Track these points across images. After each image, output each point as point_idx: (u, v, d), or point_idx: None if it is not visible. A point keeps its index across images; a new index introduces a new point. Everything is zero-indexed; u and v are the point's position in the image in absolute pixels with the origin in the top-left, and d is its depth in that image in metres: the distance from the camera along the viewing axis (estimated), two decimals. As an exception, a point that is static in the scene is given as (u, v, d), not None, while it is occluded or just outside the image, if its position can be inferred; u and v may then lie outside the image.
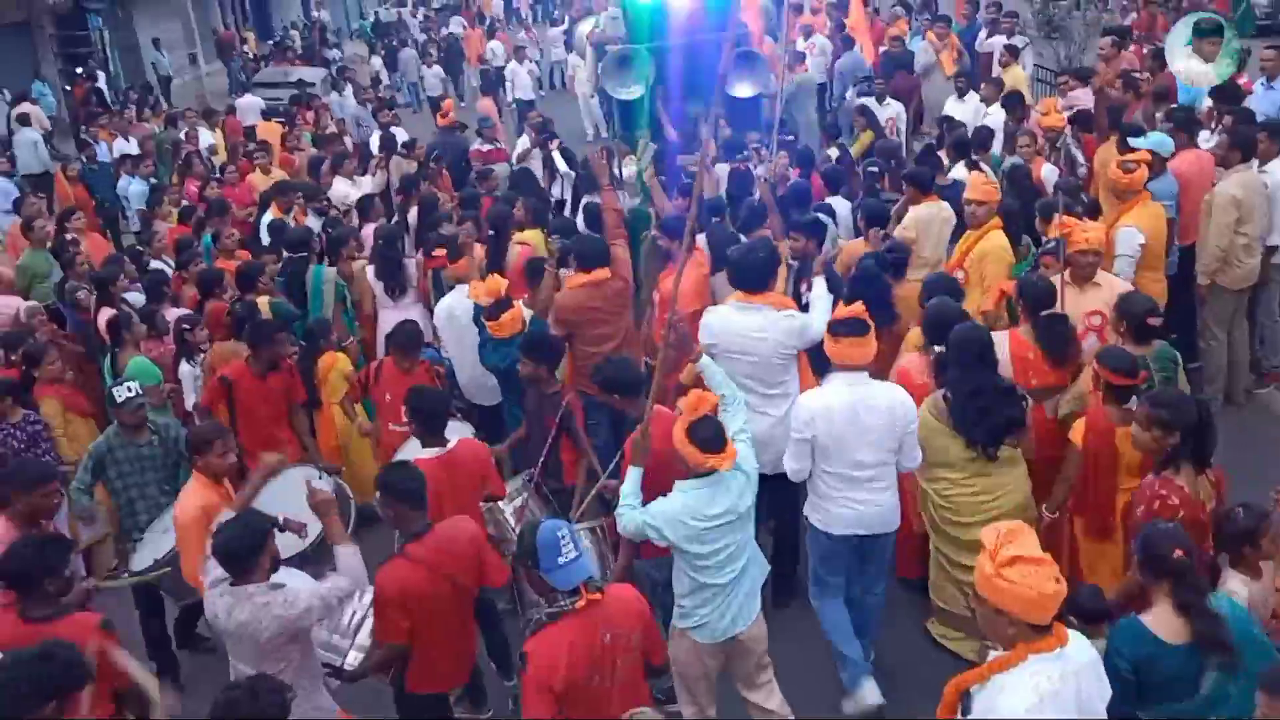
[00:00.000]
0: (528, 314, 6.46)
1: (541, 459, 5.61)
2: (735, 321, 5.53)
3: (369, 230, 9.11)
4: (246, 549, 4.05)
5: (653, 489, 4.57)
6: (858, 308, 4.88)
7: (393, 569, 4.31)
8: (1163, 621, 3.58)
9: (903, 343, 6.05)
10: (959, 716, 3.24)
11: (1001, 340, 5.35)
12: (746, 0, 12.70)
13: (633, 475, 4.53)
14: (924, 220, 7.14)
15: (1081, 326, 5.71)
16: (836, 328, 4.84)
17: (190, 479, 5.19)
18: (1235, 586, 3.87)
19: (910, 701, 5.00)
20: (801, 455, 4.88)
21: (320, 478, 5.67)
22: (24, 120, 16.23)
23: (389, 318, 7.66)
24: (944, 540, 5.23)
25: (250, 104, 18.92)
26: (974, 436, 4.93)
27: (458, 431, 5.57)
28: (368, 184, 11.31)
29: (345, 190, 11.00)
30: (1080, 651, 3.21)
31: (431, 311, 7.55)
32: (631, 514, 4.38)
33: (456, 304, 6.93)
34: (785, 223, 7.40)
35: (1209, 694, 3.51)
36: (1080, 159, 8.40)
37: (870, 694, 4.93)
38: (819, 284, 5.74)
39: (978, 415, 4.90)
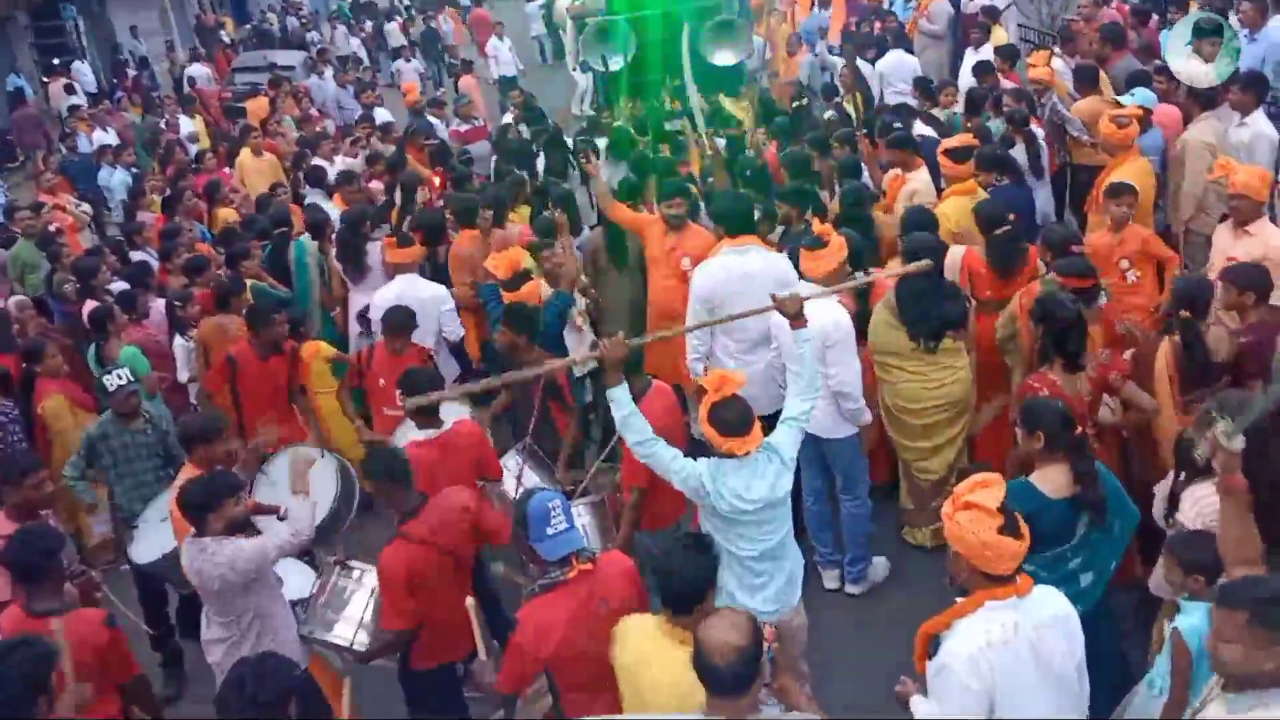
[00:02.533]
0: (547, 291, 6.51)
1: (531, 426, 5.62)
2: (732, 263, 5.75)
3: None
4: (204, 503, 4.23)
5: (645, 465, 4.53)
6: (819, 226, 5.59)
7: (395, 551, 4.32)
8: (1047, 480, 4.01)
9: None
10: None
11: (957, 254, 6.10)
12: None
13: (622, 394, 4.23)
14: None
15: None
16: (804, 243, 5.49)
17: (183, 472, 5.16)
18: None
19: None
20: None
21: (323, 456, 5.70)
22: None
23: (354, 300, 7.78)
24: (896, 428, 5.82)
25: (200, 72, 19.01)
26: (914, 330, 5.55)
27: (454, 413, 5.58)
28: (352, 164, 11.27)
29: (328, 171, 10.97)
30: (1044, 606, 3.27)
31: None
32: (682, 461, 4.15)
33: (405, 291, 6.82)
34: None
35: (1079, 540, 4.01)
36: (1068, 115, 8.34)
37: (830, 580, 5.78)
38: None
39: (919, 313, 5.50)
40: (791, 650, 4.45)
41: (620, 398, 4.20)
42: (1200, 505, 3.96)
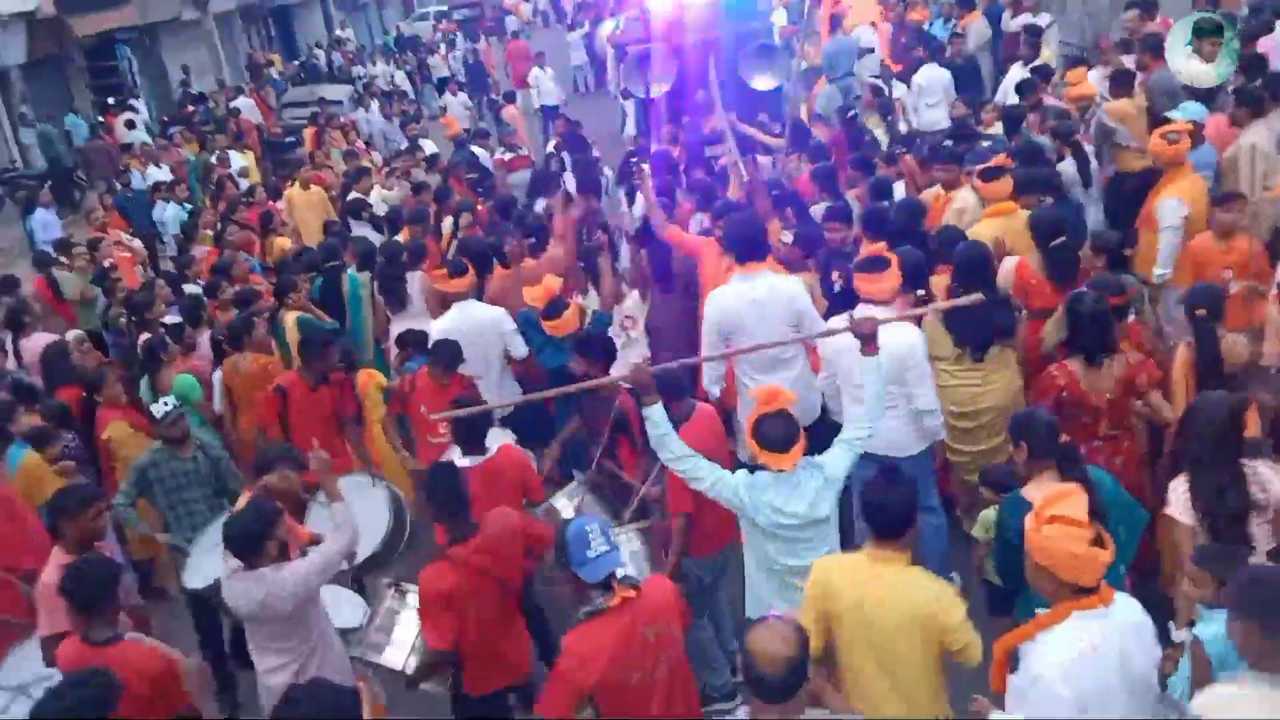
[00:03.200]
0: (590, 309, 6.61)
1: (596, 460, 5.61)
2: (743, 290, 5.74)
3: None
4: (256, 534, 4.23)
5: (694, 494, 4.60)
6: (876, 246, 5.42)
7: (436, 572, 4.36)
8: (1039, 491, 3.89)
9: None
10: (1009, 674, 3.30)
11: (1010, 265, 6.13)
12: None
13: (656, 412, 4.31)
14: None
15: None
16: (861, 265, 5.37)
17: (243, 499, 5.16)
18: None
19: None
20: (826, 366, 5.59)
21: (374, 485, 5.76)
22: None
23: (395, 330, 7.81)
24: (945, 432, 5.70)
25: (245, 104, 19.49)
26: (960, 338, 5.63)
27: (498, 438, 5.61)
28: (389, 196, 11.45)
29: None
30: (1127, 614, 3.27)
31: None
32: (719, 473, 4.21)
33: (460, 319, 6.82)
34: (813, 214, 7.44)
35: None
36: (1115, 125, 8.26)
37: None
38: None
39: (968, 322, 5.51)
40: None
41: (654, 416, 4.28)
42: (1178, 494, 4.23)
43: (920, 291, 5.73)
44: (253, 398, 7.01)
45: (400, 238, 9.44)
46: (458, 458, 5.26)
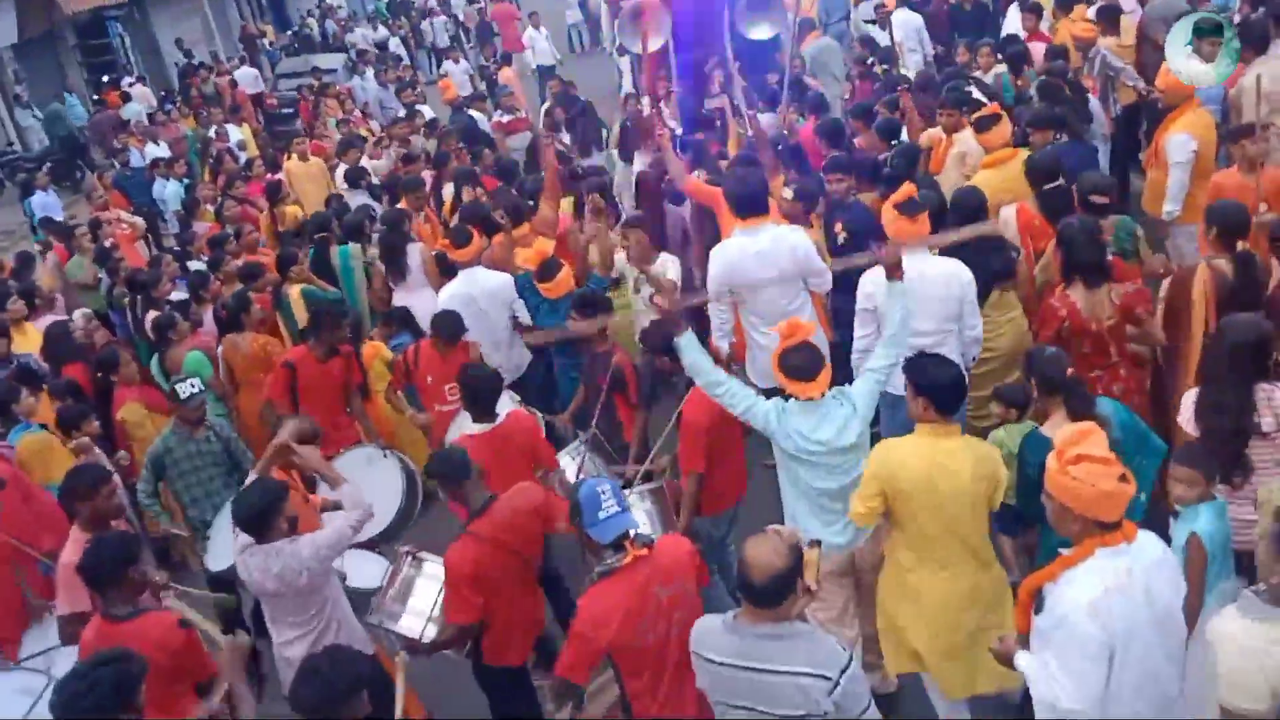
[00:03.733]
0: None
1: (595, 418, 5.63)
2: (746, 244, 5.71)
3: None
4: (265, 511, 4.29)
5: (709, 446, 4.73)
6: (908, 187, 5.38)
7: (463, 548, 4.38)
8: (1055, 426, 4.20)
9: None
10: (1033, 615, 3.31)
11: (1009, 213, 6.12)
12: None
13: (687, 340, 4.48)
14: None
15: None
16: (901, 207, 5.29)
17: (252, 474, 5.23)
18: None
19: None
20: (866, 323, 5.35)
21: (385, 456, 5.79)
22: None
23: (398, 301, 7.85)
24: None
25: (247, 74, 19.31)
26: None
27: (506, 404, 5.62)
28: (380, 166, 11.38)
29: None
30: (1150, 549, 3.26)
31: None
32: (752, 399, 4.39)
33: (467, 284, 6.79)
34: (824, 164, 7.40)
35: None
36: (1120, 65, 8.12)
37: None
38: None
39: (967, 264, 5.38)
40: (869, 578, 4.52)
41: (685, 344, 4.46)
42: (1187, 405, 4.34)
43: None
44: (253, 377, 7.05)
45: (402, 206, 9.40)
46: (467, 424, 5.27)
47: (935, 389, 4.06)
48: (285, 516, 4.35)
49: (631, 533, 3.74)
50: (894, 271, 4.50)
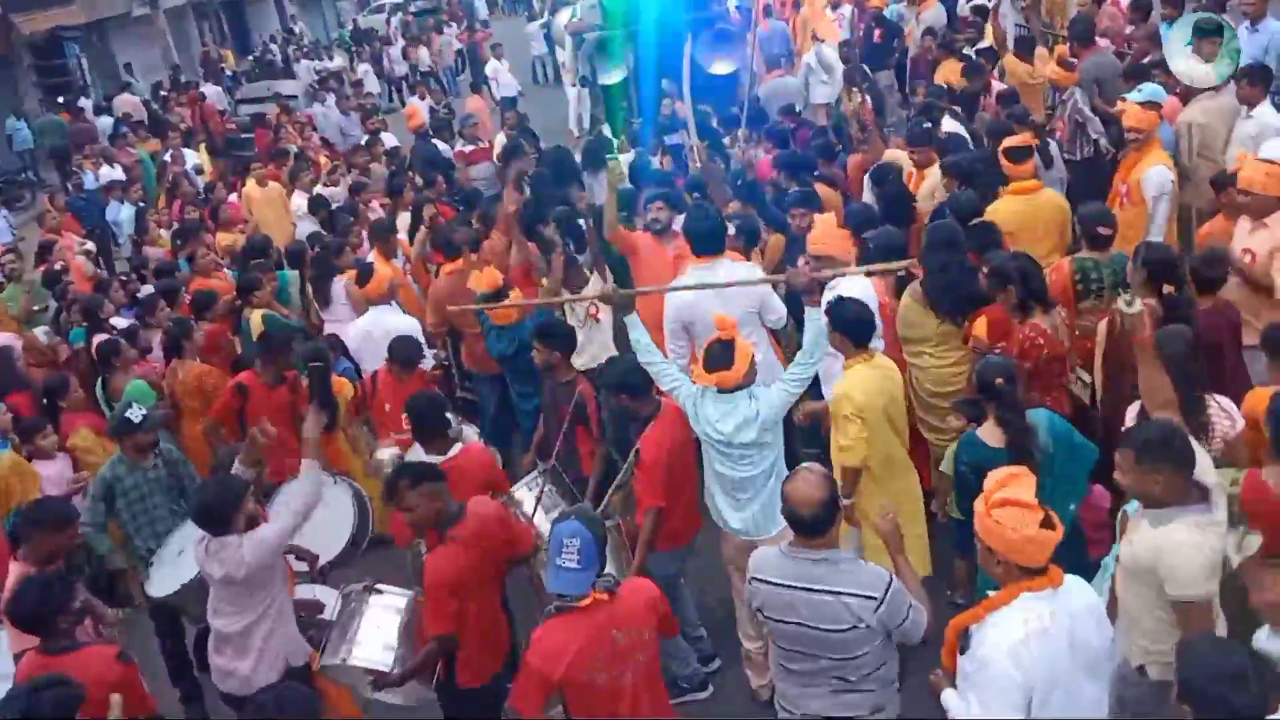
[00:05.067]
0: None
1: (556, 448, 5.59)
2: (702, 279, 5.79)
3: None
4: (224, 507, 4.41)
5: (668, 481, 4.82)
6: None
7: (446, 554, 4.35)
8: (989, 432, 4.55)
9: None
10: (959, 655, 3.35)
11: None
12: None
13: (634, 318, 5.00)
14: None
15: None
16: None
17: None
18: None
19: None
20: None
21: (335, 482, 5.68)
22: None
23: (326, 329, 8.00)
24: (925, 409, 5.84)
25: (212, 90, 19.29)
26: (942, 308, 5.64)
27: (468, 435, 5.58)
28: (335, 192, 11.35)
29: (299, 203, 11.17)
30: (1077, 595, 3.30)
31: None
32: (681, 379, 4.87)
33: (374, 324, 7.09)
34: (779, 199, 7.46)
35: None
36: (1089, 115, 8.23)
37: None
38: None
39: (944, 289, 5.61)
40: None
41: (632, 321, 5.00)
42: (1132, 412, 4.49)
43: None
44: (190, 405, 6.97)
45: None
46: (419, 456, 5.20)
47: (848, 324, 4.82)
48: (244, 514, 4.45)
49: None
50: (809, 299, 4.74)
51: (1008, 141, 6.82)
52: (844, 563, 3.62)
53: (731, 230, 6.62)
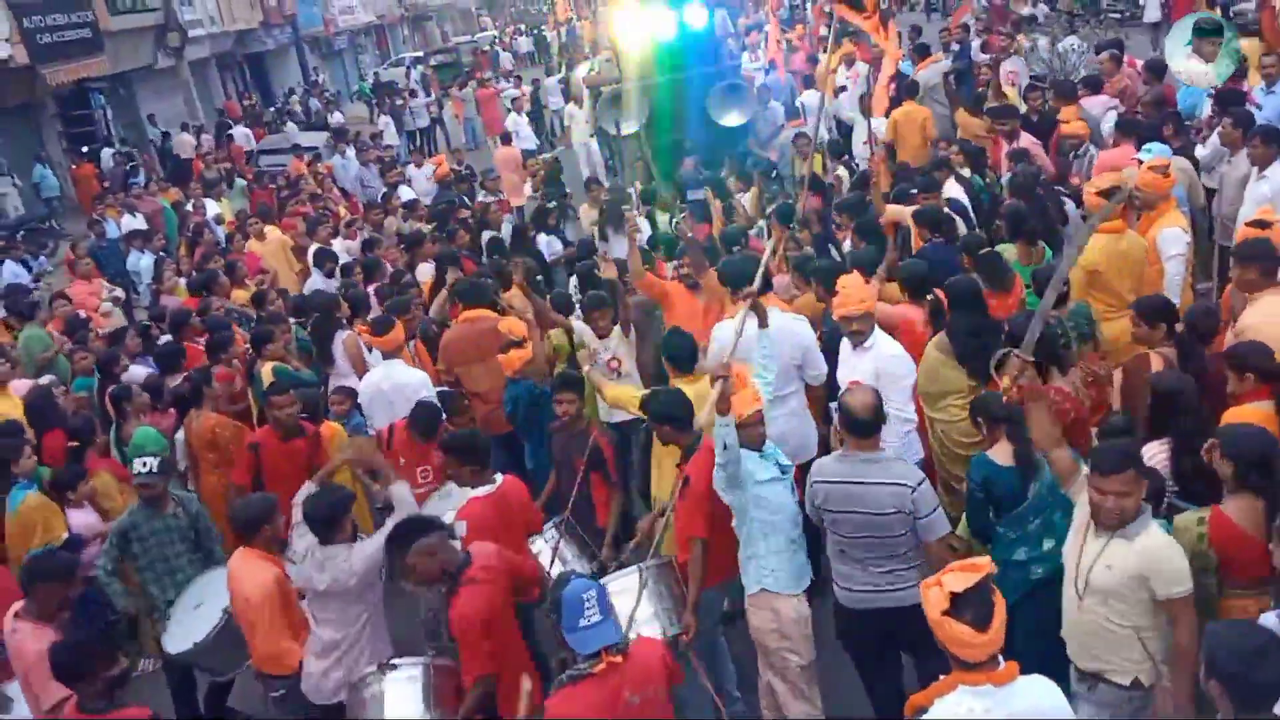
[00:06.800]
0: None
1: (571, 501, 5.55)
2: (749, 324, 5.65)
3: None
4: (335, 513, 4.74)
5: (711, 513, 4.76)
6: None
7: (469, 596, 4.33)
8: (998, 452, 4.76)
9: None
10: None
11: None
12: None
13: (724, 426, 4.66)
14: None
15: None
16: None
17: (240, 556, 5.07)
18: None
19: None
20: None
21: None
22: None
23: (331, 384, 7.94)
24: (949, 460, 5.79)
25: (242, 133, 19.43)
26: (974, 367, 5.57)
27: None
28: (351, 246, 11.43)
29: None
30: (1025, 698, 3.18)
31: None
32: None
33: (384, 378, 7.01)
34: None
35: (1034, 503, 4.53)
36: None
37: None
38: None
39: (976, 349, 5.55)
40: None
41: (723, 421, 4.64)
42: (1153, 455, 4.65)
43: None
44: (205, 456, 6.98)
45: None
46: (454, 494, 5.38)
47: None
48: (350, 521, 4.80)
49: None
50: (763, 320, 5.17)
51: (1097, 183, 6.81)
52: (885, 461, 4.52)
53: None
